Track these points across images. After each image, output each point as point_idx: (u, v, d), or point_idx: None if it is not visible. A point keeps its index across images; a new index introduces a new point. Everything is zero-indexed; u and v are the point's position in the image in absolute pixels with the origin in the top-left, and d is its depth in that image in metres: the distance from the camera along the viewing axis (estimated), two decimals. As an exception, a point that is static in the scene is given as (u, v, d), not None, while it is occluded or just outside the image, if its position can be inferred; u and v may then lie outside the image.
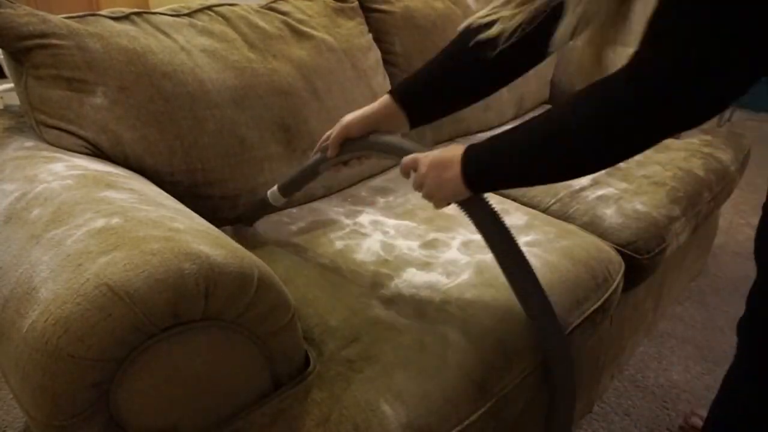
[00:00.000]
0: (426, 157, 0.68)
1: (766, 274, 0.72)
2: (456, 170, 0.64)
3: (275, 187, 0.91)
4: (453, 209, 1.05)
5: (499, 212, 0.68)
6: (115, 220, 0.54)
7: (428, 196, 0.70)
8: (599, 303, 0.90)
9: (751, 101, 3.36)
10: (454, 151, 0.65)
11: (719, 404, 0.87)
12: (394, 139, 0.75)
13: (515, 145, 0.62)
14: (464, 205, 0.68)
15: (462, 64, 0.76)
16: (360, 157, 0.82)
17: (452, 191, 0.66)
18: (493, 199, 1.10)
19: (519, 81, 0.78)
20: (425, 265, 0.86)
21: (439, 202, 0.70)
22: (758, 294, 0.75)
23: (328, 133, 0.81)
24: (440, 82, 0.78)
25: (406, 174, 0.72)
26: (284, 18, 1.10)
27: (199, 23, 0.98)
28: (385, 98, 0.78)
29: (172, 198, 0.72)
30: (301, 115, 1.05)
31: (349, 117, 0.78)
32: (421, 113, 0.81)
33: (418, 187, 0.70)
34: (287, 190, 0.91)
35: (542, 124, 0.60)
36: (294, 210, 1.07)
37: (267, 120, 1.00)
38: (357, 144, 0.78)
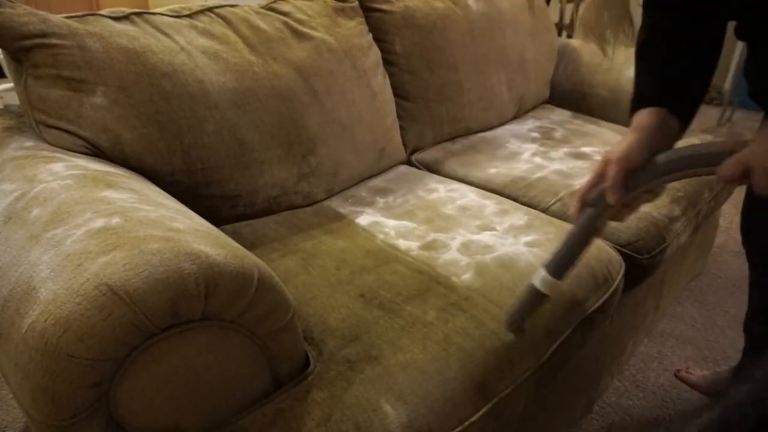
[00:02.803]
0: (756, 144, 0.55)
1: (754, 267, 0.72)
2: None
3: (543, 272, 0.69)
4: (453, 209, 1.06)
5: None
6: (114, 220, 0.53)
7: None
8: (599, 303, 0.90)
9: (752, 101, 3.34)
10: None
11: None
12: (695, 146, 0.58)
13: None
14: None
15: (694, 49, 0.67)
16: (651, 190, 0.64)
17: None
18: (493, 199, 1.10)
19: (519, 81, 0.77)
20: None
21: None
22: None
23: (588, 183, 0.66)
24: (686, 73, 0.68)
25: (735, 179, 0.56)
26: (284, 19, 1.10)
27: (200, 24, 0.98)
28: (642, 115, 0.66)
29: (172, 198, 0.72)
30: (302, 119, 1.05)
31: (619, 150, 0.63)
32: (690, 112, 0.68)
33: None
34: (561, 270, 0.69)
35: None
36: (295, 210, 1.07)
37: (267, 123, 1.00)
38: (649, 173, 0.61)
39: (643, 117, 0.65)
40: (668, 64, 0.69)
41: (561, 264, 0.68)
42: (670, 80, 0.68)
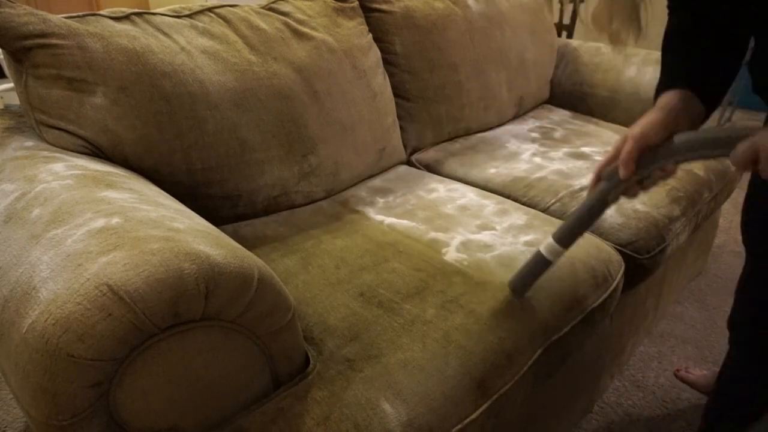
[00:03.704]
0: (766, 130, 0.55)
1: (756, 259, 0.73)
2: None
3: (549, 239, 0.73)
4: (452, 209, 1.06)
5: None
6: (115, 220, 0.54)
7: None
8: (599, 302, 0.90)
9: (751, 101, 3.35)
10: None
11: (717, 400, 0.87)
12: (713, 129, 0.60)
13: None
14: None
15: (719, 36, 0.69)
16: (668, 173, 0.65)
17: None
18: (492, 199, 1.10)
19: (519, 81, 0.78)
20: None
21: None
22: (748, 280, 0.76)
23: (605, 157, 0.68)
24: (712, 60, 0.69)
25: (745, 166, 0.56)
26: (285, 19, 1.10)
27: (200, 24, 0.98)
28: (668, 96, 0.67)
29: (172, 198, 0.72)
30: (302, 118, 1.05)
31: (638, 127, 0.64)
32: (715, 94, 0.69)
33: None
34: (568, 238, 0.72)
35: None
36: (295, 210, 1.07)
37: (267, 123, 1.00)
38: (665, 151, 0.62)
39: (667, 97, 0.66)
40: (695, 49, 0.69)
41: (569, 234, 0.71)
42: (697, 63, 0.69)
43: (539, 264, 0.75)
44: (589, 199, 0.69)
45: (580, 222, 0.70)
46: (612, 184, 0.66)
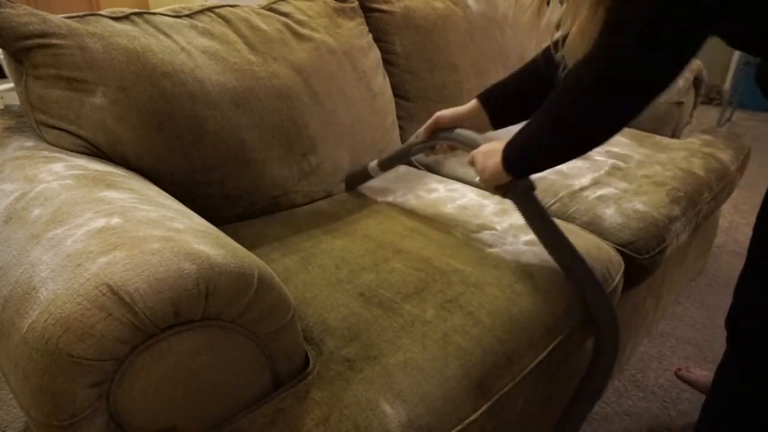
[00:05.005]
0: (483, 147, 0.83)
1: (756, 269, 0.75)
2: (497, 158, 0.78)
3: (375, 162, 1.11)
4: (452, 208, 1.06)
5: (539, 200, 0.83)
6: (115, 220, 0.54)
7: (481, 180, 0.83)
8: (599, 303, 0.90)
9: (751, 101, 3.35)
10: (503, 143, 0.79)
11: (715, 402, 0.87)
12: (466, 133, 0.91)
13: (539, 124, 0.74)
14: (508, 191, 0.82)
15: (536, 79, 0.91)
16: (453, 148, 0.98)
17: (495, 174, 0.80)
18: (492, 199, 1.10)
19: None
20: (425, 265, 0.86)
21: (487, 183, 0.83)
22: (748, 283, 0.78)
23: (424, 125, 0.99)
24: (517, 92, 0.93)
25: (472, 162, 0.86)
26: (285, 19, 1.10)
27: (200, 24, 0.98)
28: (473, 101, 0.95)
29: (172, 198, 0.72)
30: (302, 118, 1.05)
31: (442, 112, 0.96)
32: (501, 117, 0.95)
33: (478, 171, 0.84)
34: (384, 166, 1.10)
35: (556, 99, 0.71)
36: (295, 210, 1.07)
37: (267, 123, 1.00)
38: (442, 134, 0.96)
39: (472, 103, 0.95)
40: (512, 87, 0.95)
41: (386, 163, 1.10)
42: (503, 97, 0.95)
43: (364, 174, 1.14)
44: (404, 146, 1.07)
45: (393, 159, 1.08)
46: (416, 142, 1.02)
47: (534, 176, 0.82)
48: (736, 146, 1.50)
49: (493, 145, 0.80)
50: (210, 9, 1.03)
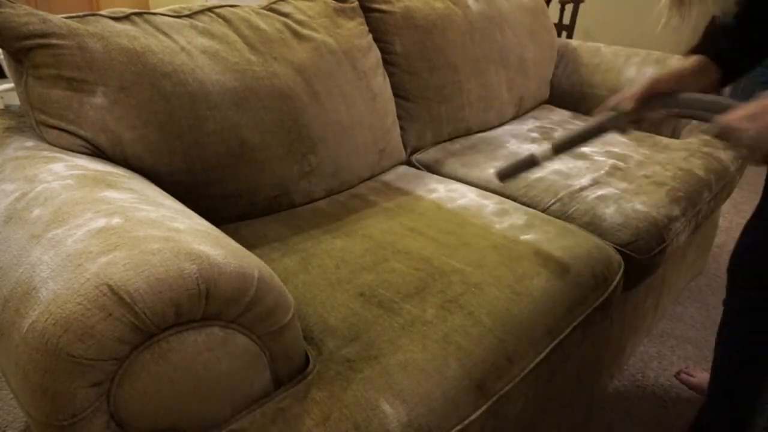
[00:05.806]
0: (745, 109, 0.65)
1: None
2: None
3: (546, 147, 0.92)
4: (453, 208, 1.06)
5: None
6: (115, 220, 0.54)
7: (759, 144, 0.64)
8: (599, 302, 0.90)
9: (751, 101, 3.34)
10: None
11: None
12: (708, 96, 0.73)
13: None
14: None
15: (741, 25, 0.78)
16: (658, 120, 0.83)
17: None
18: (492, 200, 1.10)
19: (519, 81, 0.82)
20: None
21: None
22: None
23: (619, 94, 0.83)
24: (744, 35, 0.78)
25: (724, 135, 0.67)
26: (285, 20, 1.10)
27: (200, 24, 0.98)
28: (693, 58, 0.81)
29: (172, 198, 0.72)
30: (302, 118, 1.05)
31: (657, 75, 0.80)
32: (735, 66, 0.80)
33: (754, 137, 0.64)
34: (561, 148, 0.91)
35: None
36: (295, 210, 1.07)
37: (267, 123, 1.00)
38: (665, 100, 0.77)
39: (689, 60, 0.80)
40: (727, 29, 0.79)
41: (565, 145, 0.89)
42: (722, 38, 0.79)
43: (528, 162, 0.95)
44: (590, 123, 0.85)
45: (579, 138, 0.88)
46: (613, 115, 0.82)
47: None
48: (736, 146, 1.50)
49: (764, 102, 0.65)
50: (210, 9, 1.03)
